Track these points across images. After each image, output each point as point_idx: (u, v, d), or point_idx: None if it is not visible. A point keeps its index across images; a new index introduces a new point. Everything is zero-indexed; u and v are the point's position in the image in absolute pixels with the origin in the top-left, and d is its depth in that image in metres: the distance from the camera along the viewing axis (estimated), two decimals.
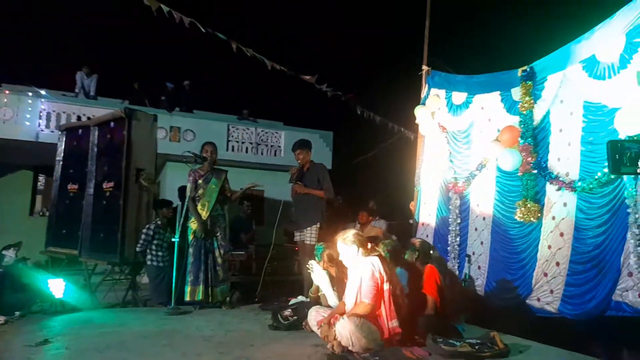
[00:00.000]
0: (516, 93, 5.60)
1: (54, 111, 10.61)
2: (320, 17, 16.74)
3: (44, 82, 11.79)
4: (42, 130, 10.40)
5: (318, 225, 5.62)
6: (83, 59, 12.01)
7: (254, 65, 9.12)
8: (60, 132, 7.58)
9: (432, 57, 7.54)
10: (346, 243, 3.91)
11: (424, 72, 7.45)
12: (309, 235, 5.56)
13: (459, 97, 6.62)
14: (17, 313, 5.44)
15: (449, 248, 6.28)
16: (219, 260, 5.48)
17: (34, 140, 10.33)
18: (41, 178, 13.13)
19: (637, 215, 4.12)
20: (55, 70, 13.39)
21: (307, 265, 4.65)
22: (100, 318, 4.91)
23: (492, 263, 5.64)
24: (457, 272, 6.01)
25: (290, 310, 4.49)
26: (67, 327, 4.48)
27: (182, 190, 7.22)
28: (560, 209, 4.91)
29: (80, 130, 7.07)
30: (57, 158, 7.32)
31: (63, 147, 7.29)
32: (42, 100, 10.60)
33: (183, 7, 7.64)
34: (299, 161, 5.81)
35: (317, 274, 4.51)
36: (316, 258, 4.78)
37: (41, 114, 10.47)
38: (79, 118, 10.46)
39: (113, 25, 15.38)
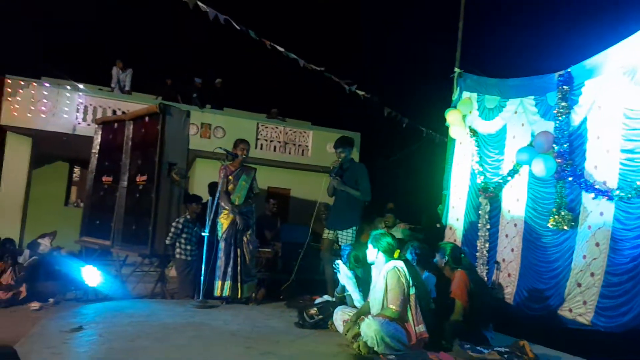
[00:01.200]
0: (552, 98, 5.47)
1: (90, 105, 10.93)
2: (352, 17, 16.73)
3: (82, 77, 12.17)
4: (79, 124, 10.73)
5: (355, 227, 5.40)
6: (119, 54, 12.35)
7: (285, 64, 9.21)
8: (96, 126, 7.81)
9: (465, 60, 7.46)
10: (371, 244, 3.91)
11: (455, 74, 7.36)
12: (345, 236, 5.32)
13: (491, 100, 6.51)
14: (51, 300, 5.66)
15: (477, 254, 6.18)
16: (247, 256, 5.54)
17: (71, 132, 10.67)
18: (76, 170, 13.57)
19: None
20: (93, 64, 13.82)
21: (333, 265, 4.65)
22: (131, 308, 5.03)
23: (523, 271, 5.53)
24: (485, 279, 5.92)
25: (315, 308, 4.50)
26: (100, 315, 4.61)
27: (212, 186, 7.34)
28: (596, 218, 4.78)
29: (115, 124, 7.27)
30: (93, 151, 7.54)
31: (99, 140, 7.50)
32: (80, 94, 10.94)
33: (218, 4, 7.78)
34: (340, 159, 5.73)
35: (343, 274, 4.51)
36: (342, 258, 4.78)
37: (78, 108, 10.80)
38: (114, 112, 10.75)
39: (150, 20, 15.74)
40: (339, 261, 4.63)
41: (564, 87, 5.32)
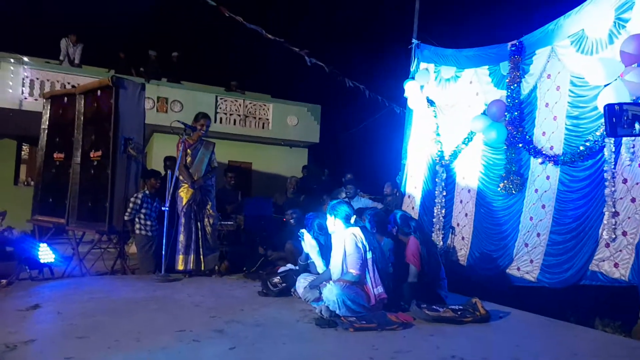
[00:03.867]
0: (505, 67, 5.66)
1: (37, 79, 10.35)
2: None
3: (27, 49, 11.47)
4: (25, 99, 10.16)
5: None
6: (68, 26, 11.65)
7: (243, 36, 9.01)
8: (44, 100, 7.42)
9: (423, 31, 7.53)
10: (330, 213, 4.02)
11: (413, 45, 7.43)
12: None
13: (447, 71, 6.65)
14: (4, 281, 5.46)
15: (434, 219, 6.42)
16: (209, 229, 5.54)
17: (17, 108, 10.11)
18: (25, 147, 12.93)
19: (612, 188, 4.26)
20: (39, 37, 13.01)
21: (298, 234, 4.74)
22: (90, 285, 4.95)
23: (475, 234, 5.80)
24: (441, 243, 6.17)
25: (279, 277, 4.59)
26: (57, 293, 4.52)
27: (168, 160, 7.21)
28: (542, 182, 5.05)
29: (65, 98, 6.93)
30: (42, 126, 7.18)
31: (48, 115, 7.14)
32: (25, 67, 10.32)
33: None
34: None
35: (307, 242, 4.60)
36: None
37: (24, 82, 10.20)
38: (63, 86, 10.23)
39: None
40: (303, 230, 4.71)
41: (516, 56, 5.51)
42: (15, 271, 5.17)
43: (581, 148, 4.66)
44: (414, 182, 7.10)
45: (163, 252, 5.19)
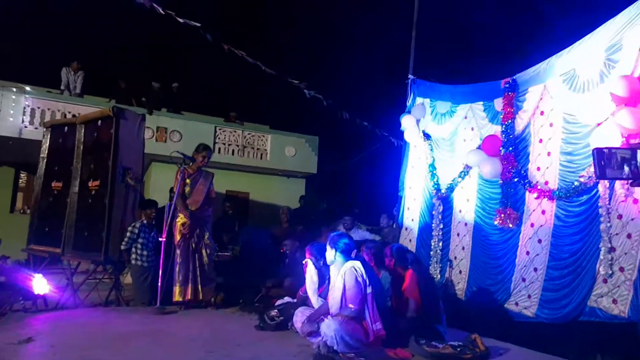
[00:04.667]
0: (499, 104, 5.78)
1: (38, 107, 10.45)
2: (308, 23, 16.86)
3: (29, 78, 11.62)
4: (25, 127, 10.23)
5: None
6: (69, 55, 11.84)
7: (243, 69, 9.21)
8: (45, 129, 7.49)
9: (418, 66, 7.72)
10: (330, 245, 4.01)
11: (409, 81, 7.61)
12: None
13: (443, 106, 6.78)
14: None
15: (431, 252, 6.42)
16: (206, 260, 5.52)
17: (17, 136, 10.17)
18: (23, 175, 12.91)
19: (608, 224, 4.30)
20: (41, 66, 13.21)
21: (303, 263, 4.72)
22: (84, 317, 4.89)
23: (472, 268, 5.79)
24: (439, 276, 6.15)
25: (276, 310, 4.54)
26: (51, 325, 4.46)
27: (172, 191, 7.22)
28: (538, 217, 5.09)
29: (66, 128, 7.00)
30: (41, 155, 7.23)
31: (48, 144, 7.20)
32: (27, 96, 10.44)
33: (174, 6, 7.70)
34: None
35: (310, 273, 4.58)
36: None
37: (25, 110, 10.30)
38: (64, 115, 10.32)
39: (101, 22, 15.24)
40: (307, 260, 4.68)
41: (509, 93, 5.63)
42: (9, 302, 5.10)
43: (576, 183, 4.72)
44: (411, 214, 7.13)
45: (159, 284, 5.15)
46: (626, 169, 2.18)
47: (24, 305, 5.19)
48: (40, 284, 5.34)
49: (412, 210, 7.12)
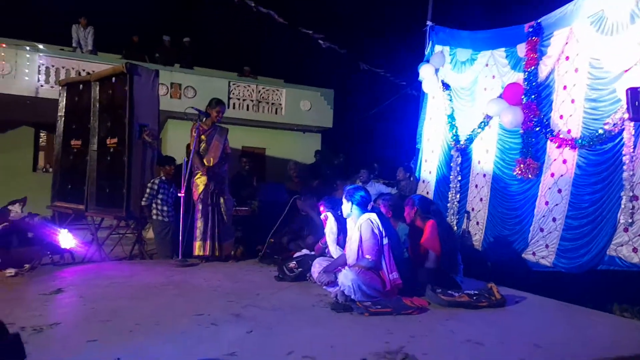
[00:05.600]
0: (522, 49, 5.54)
1: (52, 66, 10.44)
2: None
3: (40, 36, 11.54)
4: (41, 86, 10.28)
5: None
6: (79, 11, 11.67)
7: (256, 21, 8.96)
8: (60, 88, 7.51)
9: (438, 12, 7.40)
10: (346, 198, 4.02)
11: (428, 28, 7.32)
12: None
13: (463, 53, 6.54)
14: (27, 265, 5.61)
15: (448, 204, 6.39)
16: (225, 216, 5.60)
17: (34, 95, 10.24)
18: (42, 134, 13.12)
19: (631, 172, 4.19)
20: (52, 24, 13.07)
21: (322, 216, 4.76)
22: (110, 270, 5.06)
23: (490, 219, 5.77)
24: (456, 228, 6.16)
25: (295, 262, 4.63)
26: (79, 277, 4.64)
27: (189, 147, 7.25)
28: (559, 166, 4.98)
29: (81, 86, 7.00)
30: (59, 114, 7.28)
31: (64, 102, 7.23)
32: (40, 54, 10.42)
33: None
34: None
35: (330, 225, 4.62)
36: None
37: (40, 69, 10.32)
38: (78, 73, 10.31)
39: None
40: (328, 212, 4.72)
41: (533, 38, 5.39)
42: (38, 256, 5.30)
43: (600, 131, 4.58)
44: (428, 167, 7.06)
45: (180, 238, 5.27)
46: None
47: (52, 260, 5.39)
48: (66, 239, 5.52)
49: (430, 162, 7.04)
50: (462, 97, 6.53)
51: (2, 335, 1.98)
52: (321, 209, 4.92)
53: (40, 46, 10.69)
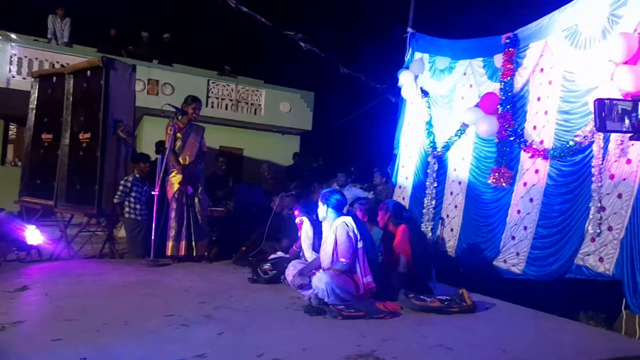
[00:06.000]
0: (498, 60, 5.66)
1: (25, 57, 10.12)
2: None
3: (14, 26, 11.18)
4: (13, 77, 9.95)
5: None
6: (55, 1, 11.36)
7: (238, 20, 8.90)
8: (33, 79, 7.29)
9: (418, 19, 7.49)
10: (322, 201, 4.02)
11: (408, 34, 7.40)
12: None
13: (442, 61, 6.64)
14: None
15: (424, 210, 6.47)
16: (199, 215, 5.52)
17: (5, 86, 9.91)
18: (12, 127, 12.71)
19: (599, 184, 4.32)
20: (26, 13, 12.70)
21: (297, 221, 4.75)
22: (78, 268, 4.93)
23: (464, 225, 5.87)
24: (430, 234, 6.23)
25: (269, 264, 4.60)
26: (45, 275, 4.51)
27: (159, 144, 7.15)
28: (532, 176, 5.10)
29: (54, 78, 6.80)
30: (31, 106, 7.06)
31: (36, 94, 7.01)
32: (13, 44, 10.09)
33: None
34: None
35: (306, 229, 4.61)
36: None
37: (12, 60, 9.99)
38: (52, 65, 10.01)
39: None
40: (304, 217, 4.70)
41: (510, 49, 5.51)
42: (3, 252, 5.13)
43: (570, 143, 4.71)
44: (405, 172, 7.13)
45: (152, 237, 5.17)
46: (627, 121, 2.14)
47: (18, 256, 5.22)
48: (33, 235, 5.36)
49: (407, 168, 7.11)
50: (440, 104, 6.62)
51: None
52: (296, 212, 4.91)
53: (13, 36, 10.36)
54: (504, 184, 5.29)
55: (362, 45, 14.58)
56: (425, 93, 6.87)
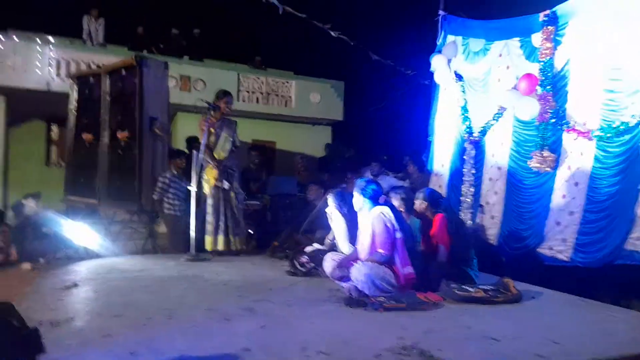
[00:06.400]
0: (537, 39, 5.40)
1: (63, 59, 10.42)
2: None
3: (50, 29, 11.52)
4: (52, 79, 10.30)
5: None
6: (88, 2, 11.62)
7: (265, 11, 8.87)
8: (71, 81, 7.54)
9: (450, 1, 7.25)
10: (358, 192, 3.97)
11: (440, 17, 7.19)
12: None
13: (476, 43, 6.41)
14: (42, 259, 5.67)
15: (462, 198, 6.31)
16: (236, 210, 5.58)
17: (45, 89, 10.28)
18: (54, 128, 13.19)
19: None
20: (60, 15, 13.05)
21: (328, 213, 4.73)
22: (123, 264, 5.08)
23: (505, 212, 5.69)
24: (470, 222, 6.08)
25: (306, 257, 4.61)
26: (93, 272, 4.66)
27: (190, 140, 7.23)
28: (576, 158, 4.88)
29: (91, 79, 7.02)
30: (70, 107, 7.32)
31: (75, 96, 7.26)
32: (51, 47, 10.43)
33: None
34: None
35: (336, 221, 4.59)
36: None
37: (51, 62, 10.33)
38: (89, 66, 10.29)
39: None
40: (331, 209, 4.68)
41: (548, 27, 5.25)
42: (53, 250, 5.36)
43: (617, 123, 4.47)
44: (441, 159, 6.97)
45: (192, 232, 5.27)
46: None
47: (66, 254, 5.43)
48: (81, 234, 5.58)
49: (443, 155, 6.95)
50: (475, 88, 6.42)
51: (22, 329, 1.99)
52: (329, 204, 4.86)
53: (51, 39, 10.69)
54: (547, 168, 5.08)
55: (392, 30, 14.29)
56: (459, 77, 6.66)
